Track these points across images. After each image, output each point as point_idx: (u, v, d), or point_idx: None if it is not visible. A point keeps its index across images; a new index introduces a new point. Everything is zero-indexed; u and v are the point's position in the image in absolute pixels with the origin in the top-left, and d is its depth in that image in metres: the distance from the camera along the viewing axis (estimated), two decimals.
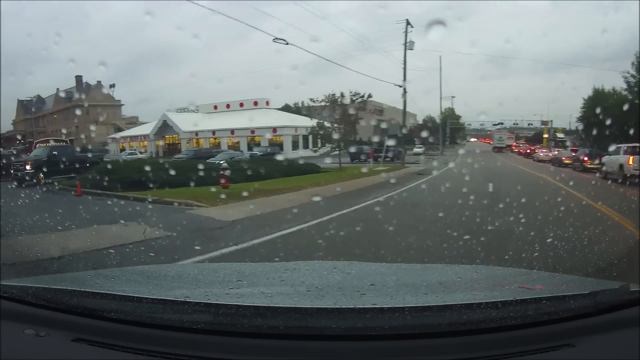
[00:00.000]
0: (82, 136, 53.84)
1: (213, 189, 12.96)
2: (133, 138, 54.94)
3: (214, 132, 46.85)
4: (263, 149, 37.64)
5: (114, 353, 1.34)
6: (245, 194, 11.61)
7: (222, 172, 14.65)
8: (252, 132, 43.70)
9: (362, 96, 27.99)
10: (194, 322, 1.38)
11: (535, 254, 5.11)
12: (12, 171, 19.42)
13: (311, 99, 28.86)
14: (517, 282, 2.00)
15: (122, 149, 50.65)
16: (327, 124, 28.73)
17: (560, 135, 55.13)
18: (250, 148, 40.38)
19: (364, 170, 20.59)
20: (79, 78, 65.61)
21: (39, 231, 7.42)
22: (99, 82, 66.25)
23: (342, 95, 27.40)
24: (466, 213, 8.64)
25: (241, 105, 51.22)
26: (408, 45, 32.89)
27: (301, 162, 23.05)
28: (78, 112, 61.76)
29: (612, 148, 19.37)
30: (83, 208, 10.84)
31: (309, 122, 36.21)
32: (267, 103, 51.46)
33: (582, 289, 1.60)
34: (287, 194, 13.33)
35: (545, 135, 56.42)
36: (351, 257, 3.85)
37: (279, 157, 25.45)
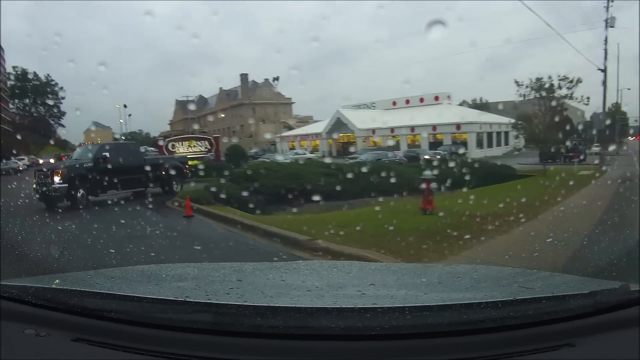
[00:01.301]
0: (229, 134, 51.71)
1: (392, 204, 8.21)
2: (304, 137, 51.66)
3: (392, 129, 42.20)
4: (447, 148, 33.63)
5: (114, 353, 1.34)
6: (457, 228, 6.68)
7: (425, 184, 8.77)
8: (434, 128, 39.82)
9: (571, 81, 20.46)
10: (194, 322, 1.38)
11: None
12: (34, 185, 12.92)
13: (516, 82, 21.77)
14: (517, 282, 2.00)
15: (292, 148, 47.84)
16: (532, 118, 22.11)
17: None
18: (433, 146, 36.97)
19: (573, 174, 15.43)
20: (244, 76, 65.28)
21: None
22: (266, 80, 64.98)
23: (551, 79, 20.32)
24: None
25: (421, 100, 46.65)
26: (609, 22, 26.35)
27: (491, 163, 17.81)
28: (243, 110, 60.12)
29: None
30: (153, 250, 6.38)
31: (495, 118, 32.85)
32: (449, 98, 47.46)
33: (582, 289, 1.60)
34: (529, 223, 7.73)
35: None
36: None
37: (466, 157, 21.19)
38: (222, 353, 1.31)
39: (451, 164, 14.25)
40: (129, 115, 72.80)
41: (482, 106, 53.29)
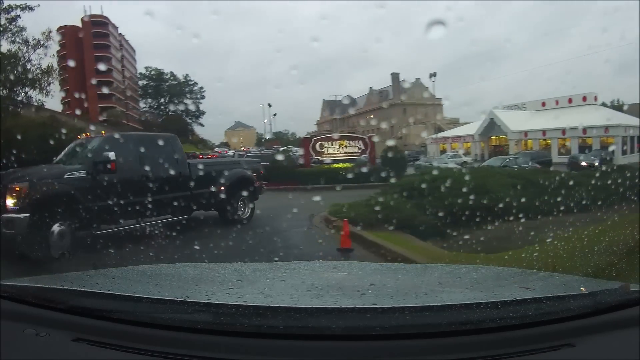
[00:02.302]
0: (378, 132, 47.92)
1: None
2: (455, 139, 48.52)
3: (544, 132, 40.00)
4: (597, 153, 31.31)
5: (114, 353, 1.34)
6: None
7: None
8: (584, 131, 37.15)
9: None
10: (194, 322, 1.38)
11: None
12: None
13: None
14: (517, 282, 2.00)
15: (442, 151, 46.11)
16: None
17: None
18: (581, 150, 34.96)
19: None
20: (395, 75, 63.19)
21: None
22: (417, 79, 62.63)
23: None
24: None
25: (569, 101, 43.64)
26: None
27: None
28: (393, 111, 57.70)
29: None
30: None
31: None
32: (595, 98, 44.46)
33: (582, 289, 1.60)
34: None
35: None
36: None
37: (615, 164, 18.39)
38: (222, 353, 1.31)
39: (615, 174, 10.92)
40: (274, 114, 72.35)
41: (618, 108, 50.53)
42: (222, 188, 9.19)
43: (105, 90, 64.56)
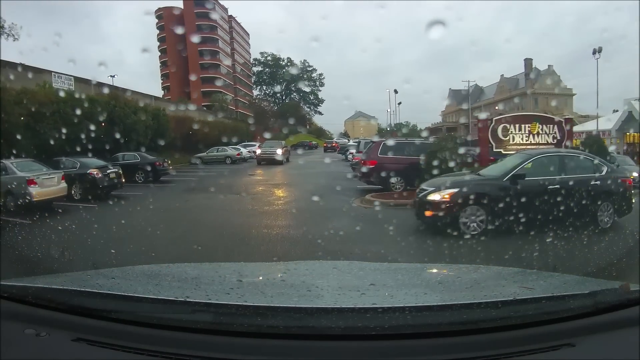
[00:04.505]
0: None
1: None
2: (589, 134, 45.68)
3: None
4: None
5: (114, 353, 1.34)
6: None
7: None
8: None
9: None
10: (194, 322, 1.38)
11: None
12: None
13: None
14: (517, 281, 2.00)
15: (576, 147, 42.70)
16: None
17: None
18: None
19: None
20: (528, 61, 57.53)
21: None
22: (550, 66, 57.83)
23: None
24: None
25: None
26: None
27: None
28: (524, 101, 53.44)
29: None
30: None
31: None
32: None
33: (582, 289, 1.60)
34: None
35: None
36: None
37: None
38: (222, 353, 1.31)
39: None
40: (399, 103, 67.57)
41: None
42: None
43: (210, 74, 62.43)
